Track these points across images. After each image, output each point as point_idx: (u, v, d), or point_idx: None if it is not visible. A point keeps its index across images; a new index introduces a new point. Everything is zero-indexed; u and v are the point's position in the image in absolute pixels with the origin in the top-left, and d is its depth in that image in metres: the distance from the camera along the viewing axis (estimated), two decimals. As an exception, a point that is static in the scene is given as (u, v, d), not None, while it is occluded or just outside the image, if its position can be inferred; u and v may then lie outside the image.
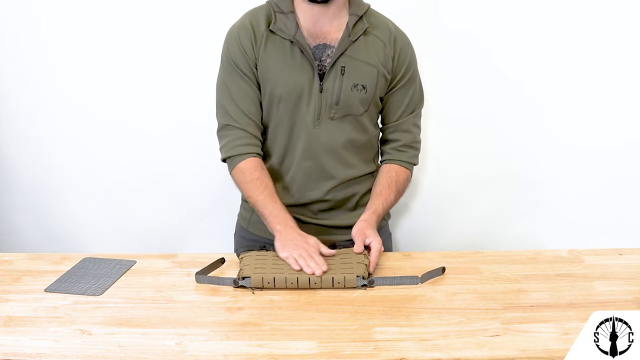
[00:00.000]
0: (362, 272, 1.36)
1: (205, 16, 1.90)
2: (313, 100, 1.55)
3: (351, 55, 1.54)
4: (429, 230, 2.04)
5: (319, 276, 1.34)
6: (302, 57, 1.53)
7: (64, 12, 1.94)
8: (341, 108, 1.56)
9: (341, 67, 1.54)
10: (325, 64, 1.54)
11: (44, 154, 2.08)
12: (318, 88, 1.54)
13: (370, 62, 1.55)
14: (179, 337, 1.16)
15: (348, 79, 1.54)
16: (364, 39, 1.56)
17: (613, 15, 1.89)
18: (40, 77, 2.00)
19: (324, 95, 1.54)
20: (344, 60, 1.54)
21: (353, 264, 1.39)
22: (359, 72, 1.55)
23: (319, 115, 1.55)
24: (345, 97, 1.55)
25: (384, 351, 1.12)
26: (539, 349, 1.12)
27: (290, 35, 1.53)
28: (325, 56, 1.54)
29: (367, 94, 1.56)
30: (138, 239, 2.08)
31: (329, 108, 1.55)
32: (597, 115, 1.97)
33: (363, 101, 1.57)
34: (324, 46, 1.54)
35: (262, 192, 1.54)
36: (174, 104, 1.98)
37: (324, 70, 1.54)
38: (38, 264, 1.49)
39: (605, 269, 1.45)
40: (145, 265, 1.49)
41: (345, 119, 1.57)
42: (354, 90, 1.55)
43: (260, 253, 1.46)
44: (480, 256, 1.53)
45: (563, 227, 2.04)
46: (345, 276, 1.34)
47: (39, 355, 1.11)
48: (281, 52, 1.54)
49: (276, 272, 1.35)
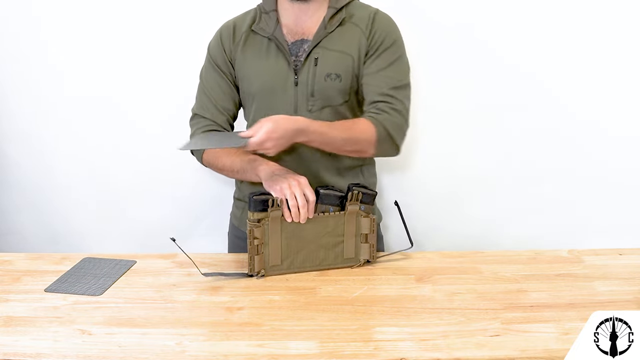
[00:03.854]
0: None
1: (204, 15, 1.90)
2: (288, 94, 1.55)
3: (325, 46, 1.54)
4: (428, 230, 2.04)
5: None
6: (278, 53, 1.54)
7: (65, 12, 1.94)
8: (317, 99, 1.54)
9: (315, 58, 1.53)
10: (301, 59, 1.54)
11: (44, 154, 2.08)
12: (293, 82, 1.54)
13: (344, 51, 1.54)
14: (179, 337, 1.16)
15: (321, 69, 1.53)
16: (340, 29, 1.55)
17: (611, 8, 1.88)
18: (41, 77, 2.00)
19: (300, 88, 1.54)
20: (317, 52, 1.53)
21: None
22: (332, 61, 1.53)
23: (296, 108, 1.54)
24: (320, 88, 1.53)
25: (384, 351, 1.12)
26: (539, 349, 1.12)
27: (269, 32, 1.55)
28: (302, 51, 1.55)
29: (342, 82, 1.54)
30: (138, 239, 2.08)
31: (305, 100, 1.54)
32: (598, 115, 1.97)
33: (340, 91, 1.54)
34: (302, 41, 1.55)
35: (234, 153, 1.54)
36: (174, 104, 1.98)
37: (298, 64, 1.54)
38: (38, 264, 1.49)
39: (605, 269, 1.45)
40: (145, 265, 1.49)
41: (323, 111, 1.55)
42: (328, 80, 1.53)
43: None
44: (480, 256, 1.53)
45: (563, 227, 2.04)
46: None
47: (39, 355, 1.11)
48: (258, 50, 1.56)
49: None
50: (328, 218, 1.44)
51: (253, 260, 1.40)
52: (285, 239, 1.42)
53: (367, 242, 1.47)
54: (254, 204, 1.39)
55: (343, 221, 1.44)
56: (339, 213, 1.44)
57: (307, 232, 1.43)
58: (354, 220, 1.45)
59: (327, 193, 1.44)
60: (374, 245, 1.48)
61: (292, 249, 1.43)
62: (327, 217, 1.44)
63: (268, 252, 1.41)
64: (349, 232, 1.45)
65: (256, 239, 1.40)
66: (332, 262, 1.46)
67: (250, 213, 1.40)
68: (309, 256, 1.44)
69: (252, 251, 1.40)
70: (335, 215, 1.44)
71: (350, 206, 1.44)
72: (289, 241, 1.42)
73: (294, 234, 1.42)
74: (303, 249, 1.43)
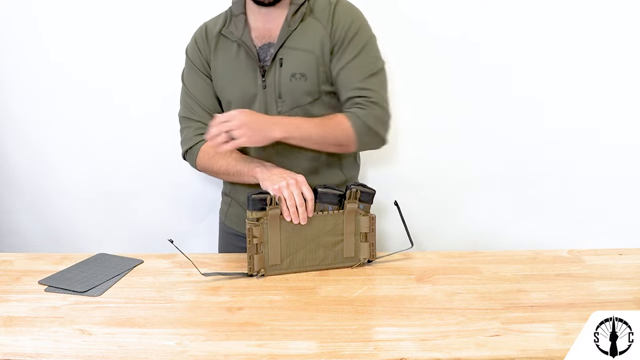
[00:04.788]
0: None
1: (204, 14, 1.89)
2: (259, 98, 1.55)
3: (289, 46, 1.53)
4: (429, 230, 2.04)
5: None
6: (248, 58, 1.55)
7: (65, 12, 1.94)
8: (285, 100, 1.54)
9: (279, 59, 1.53)
10: (268, 62, 1.54)
11: (44, 154, 2.08)
12: (261, 85, 1.54)
13: (307, 49, 1.52)
14: (179, 337, 1.16)
15: (286, 70, 1.52)
16: (302, 25, 1.53)
17: (606, 8, 1.87)
18: (41, 77, 2.00)
19: (268, 91, 1.54)
20: (282, 52, 1.53)
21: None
22: (296, 61, 1.52)
23: (266, 111, 1.54)
24: (286, 89, 1.53)
25: (384, 351, 1.12)
26: (539, 349, 1.12)
27: (237, 37, 1.55)
28: (269, 55, 1.54)
29: (307, 81, 1.52)
30: (138, 239, 2.08)
31: (274, 103, 1.54)
32: (597, 115, 1.96)
33: (307, 91, 1.53)
34: (269, 45, 1.55)
35: (229, 156, 1.54)
36: (175, 105, 1.98)
37: (266, 67, 1.54)
38: (38, 264, 1.49)
39: (605, 269, 1.45)
40: (146, 265, 1.49)
41: (294, 112, 1.54)
42: (293, 80, 1.52)
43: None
44: (480, 256, 1.53)
45: (563, 227, 2.04)
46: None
47: (39, 355, 1.11)
48: (229, 55, 1.56)
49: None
50: (327, 217, 1.44)
51: (252, 259, 1.40)
52: (284, 237, 1.42)
53: (366, 240, 1.47)
54: (253, 203, 1.39)
55: (342, 220, 1.45)
56: (337, 212, 1.44)
57: (307, 231, 1.43)
58: (353, 219, 1.45)
59: (325, 192, 1.44)
60: (373, 244, 1.48)
61: (291, 248, 1.43)
62: (326, 216, 1.44)
63: (267, 251, 1.41)
64: (348, 231, 1.45)
65: (255, 237, 1.40)
66: (332, 262, 1.46)
67: (249, 212, 1.40)
68: (308, 255, 1.44)
69: (251, 250, 1.40)
70: (334, 214, 1.44)
71: (349, 205, 1.44)
72: (288, 240, 1.42)
73: (293, 233, 1.42)
74: (302, 248, 1.43)
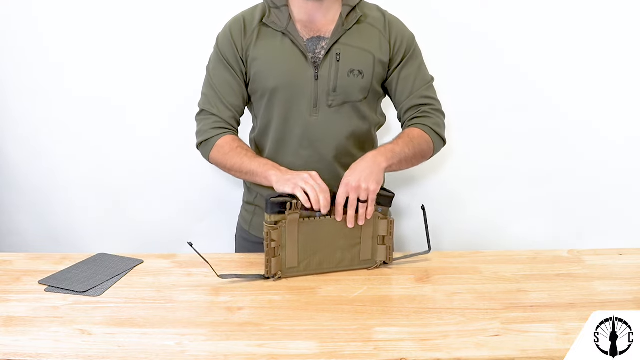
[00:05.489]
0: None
1: (205, 14, 1.90)
2: (308, 89, 1.54)
3: (346, 43, 1.55)
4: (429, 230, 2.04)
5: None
6: (294, 48, 1.54)
7: (65, 12, 1.94)
8: (339, 95, 1.55)
9: (336, 53, 1.54)
10: (320, 55, 1.54)
11: (44, 154, 2.08)
12: (313, 76, 1.54)
13: (365, 49, 1.56)
14: (179, 337, 1.16)
15: (344, 65, 1.54)
16: (357, 27, 1.56)
17: (617, 9, 1.88)
18: (41, 77, 2.00)
19: (320, 83, 1.54)
20: (338, 48, 1.54)
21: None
22: (354, 58, 1.55)
23: (316, 103, 1.55)
24: (342, 84, 1.54)
25: (384, 351, 1.11)
26: (539, 349, 1.12)
27: (282, 27, 1.54)
28: (320, 48, 1.55)
29: (364, 79, 1.55)
30: (138, 239, 2.08)
31: (326, 95, 1.55)
32: (598, 116, 1.97)
33: (361, 88, 1.56)
34: (318, 38, 1.55)
35: (245, 155, 1.53)
36: (175, 104, 1.98)
37: (317, 60, 1.54)
38: (38, 264, 1.49)
39: (605, 269, 1.45)
40: (146, 265, 1.49)
41: (343, 107, 1.56)
42: (351, 76, 1.54)
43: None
44: (480, 256, 1.53)
45: (563, 227, 2.04)
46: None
47: (39, 355, 1.11)
48: (272, 44, 1.55)
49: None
50: (344, 220, 1.42)
51: (270, 262, 1.39)
52: (302, 240, 1.40)
53: (384, 244, 1.46)
54: (271, 207, 1.38)
55: None
56: (356, 215, 1.43)
57: (324, 234, 1.41)
58: (372, 222, 1.44)
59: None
60: (390, 247, 1.47)
61: (309, 251, 1.41)
62: (343, 219, 1.42)
63: (285, 254, 1.40)
64: (366, 234, 1.44)
65: (273, 241, 1.38)
66: (349, 264, 1.45)
67: (267, 215, 1.38)
68: (325, 258, 1.43)
69: (269, 254, 1.39)
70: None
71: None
72: (305, 243, 1.41)
73: (311, 236, 1.41)
74: (320, 251, 1.42)
